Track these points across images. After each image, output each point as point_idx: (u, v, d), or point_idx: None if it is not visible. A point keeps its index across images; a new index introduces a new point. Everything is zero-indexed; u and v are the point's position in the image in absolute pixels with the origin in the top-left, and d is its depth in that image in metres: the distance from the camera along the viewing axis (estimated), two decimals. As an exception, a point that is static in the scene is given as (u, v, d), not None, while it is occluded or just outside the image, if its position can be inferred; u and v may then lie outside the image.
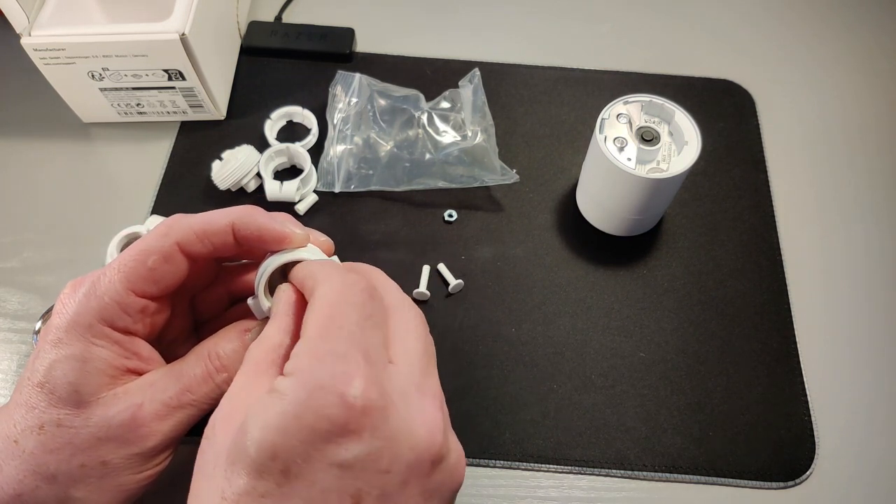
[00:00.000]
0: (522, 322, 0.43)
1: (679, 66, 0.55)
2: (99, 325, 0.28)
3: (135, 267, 0.28)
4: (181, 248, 0.29)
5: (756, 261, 0.46)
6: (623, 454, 0.39)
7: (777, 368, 0.42)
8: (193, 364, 0.29)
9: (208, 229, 0.29)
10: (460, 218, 0.47)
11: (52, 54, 0.44)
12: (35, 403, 0.27)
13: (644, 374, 0.42)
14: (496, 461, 0.39)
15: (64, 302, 0.28)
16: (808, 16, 0.58)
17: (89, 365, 0.27)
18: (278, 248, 0.30)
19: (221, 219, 0.29)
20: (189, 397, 0.28)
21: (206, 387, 0.29)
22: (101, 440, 0.27)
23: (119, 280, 0.28)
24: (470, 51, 0.55)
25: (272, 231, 0.29)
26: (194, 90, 0.47)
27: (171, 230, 0.29)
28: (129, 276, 0.28)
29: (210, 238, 0.29)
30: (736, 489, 0.39)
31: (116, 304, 0.28)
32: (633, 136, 0.41)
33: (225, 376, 0.29)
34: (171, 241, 0.29)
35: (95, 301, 0.28)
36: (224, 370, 0.29)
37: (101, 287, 0.28)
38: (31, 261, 0.45)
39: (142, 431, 0.28)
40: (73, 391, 0.27)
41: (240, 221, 0.29)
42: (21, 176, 0.48)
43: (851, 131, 0.52)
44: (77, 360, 0.27)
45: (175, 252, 0.29)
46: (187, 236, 0.29)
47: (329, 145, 0.48)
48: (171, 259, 0.29)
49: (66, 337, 0.27)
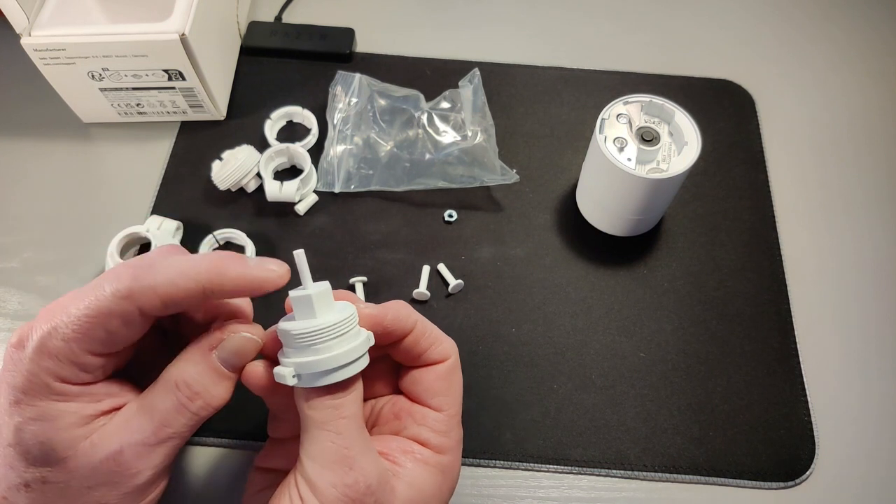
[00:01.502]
0: (522, 322, 0.43)
1: (679, 67, 0.55)
2: (57, 384, 0.26)
3: (91, 329, 0.26)
4: (142, 313, 0.26)
5: (756, 261, 0.46)
6: (623, 454, 0.39)
7: (777, 368, 0.42)
8: (164, 396, 0.27)
9: (175, 295, 0.26)
10: (460, 218, 0.47)
11: (52, 54, 0.44)
12: (12, 463, 0.26)
13: (644, 374, 0.42)
14: (496, 461, 0.39)
15: (14, 359, 0.26)
16: (808, 16, 0.58)
17: (57, 422, 0.26)
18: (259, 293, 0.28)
19: (191, 283, 0.26)
20: (167, 431, 0.27)
21: (182, 418, 0.27)
22: (91, 488, 0.26)
23: (75, 341, 0.25)
24: (470, 51, 0.55)
25: (251, 281, 0.27)
26: (194, 90, 0.47)
27: (134, 293, 0.26)
28: (85, 338, 0.26)
29: (177, 303, 0.27)
30: (736, 489, 0.39)
31: (73, 364, 0.26)
32: (633, 137, 0.41)
33: (200, 403, 0.27)
34: (133, 306, 0.26)
35: (50, 361, 0.25)
36: (197, 397, 0.27)
37: (55, 346, 0.25)
38: (31, 261, 0.45)
39: (129, 473, 0.26)
40: (48, 450, 0.25)
41: (212, 283, 0.27)
42: (21, 176, 0.48)
43: (852, 131, 0.52)
44: (43, 420, 0.25)
45: (136, 316, 0.26)
46: (151, 302, 0.26)
47: (329, 145, 0.48)
48: (132, 323, 0.26)
49: (25, 398, 0.25)
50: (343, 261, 0.45)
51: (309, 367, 0.26)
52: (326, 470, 0.26)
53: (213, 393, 0.27)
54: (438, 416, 0.30)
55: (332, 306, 0.28)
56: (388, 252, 0.45)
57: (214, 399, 0.28)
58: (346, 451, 0.26)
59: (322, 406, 0.27)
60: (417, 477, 0.28)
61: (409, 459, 0.29)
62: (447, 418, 0.30)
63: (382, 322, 0.29)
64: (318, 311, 0.27)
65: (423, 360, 0.30)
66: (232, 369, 0.28)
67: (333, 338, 0.26)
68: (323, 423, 0.27)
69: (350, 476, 0.26)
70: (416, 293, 0.43)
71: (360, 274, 0.44)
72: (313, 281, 0.28)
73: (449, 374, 0.30)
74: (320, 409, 0.27)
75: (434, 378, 0.30)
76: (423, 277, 0.44)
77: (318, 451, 0.27)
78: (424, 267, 0.44)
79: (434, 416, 0.30)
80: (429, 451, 0.29)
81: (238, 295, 0.28)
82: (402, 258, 0.45)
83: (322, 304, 0.27)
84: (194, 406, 0.27)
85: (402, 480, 0.28)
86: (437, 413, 0.30)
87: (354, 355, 0.27)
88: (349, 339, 0.27)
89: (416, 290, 0.43)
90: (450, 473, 0.30)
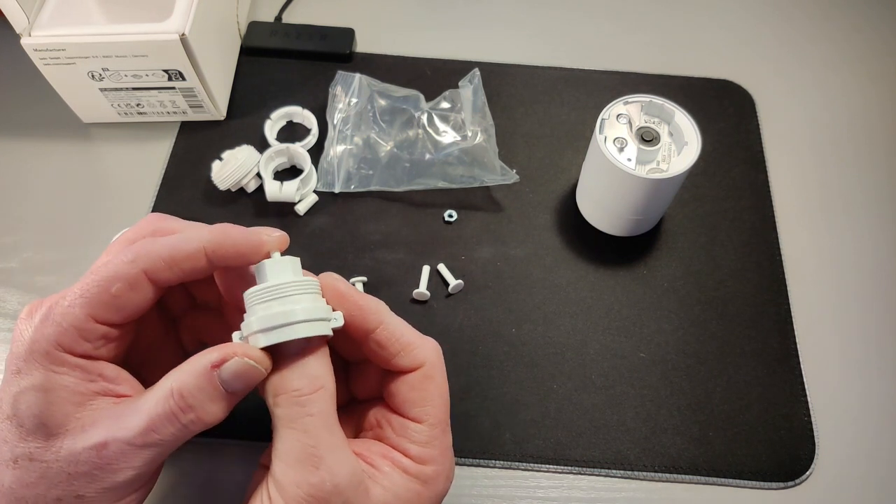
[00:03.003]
0: (522, 322, 0.43)
1: (679, 67, 0.55)
2: (56, 352, 0.26)
3: (97, 293, 0.26)
4: (148, 276, 0.27)
5: (756, 261, 0.46)
6: (623, 454, 0.39)
7: (777, 368, 0.42)
8: (158, 401, 0.27)
9: (177, 256, 0.27)
10: (460, 218, 0.47)
11: (52, 54, 0.44)
12: (6, 437, 0.26)
13: (644, 375, 0.42)
14: (496, 461, 0.39)
15: (20, 328, 0.27)
16: (808, 16, 0.58)
17: (52, 395, 0.26)
18: (258, 258, 0.28)
19: (191, 244, 0.27)
20: (154, 437, 0.26)
21: (171, 427, 0.26)
22: (71, 475, 0.26)
23: (79, 305, 0.26)
24: (470, 51, 0.55)
25: (252, 243, 0.28)
26: (194, 90, 0.47)
27: (139, 257, 0.27)
28: (90, 302, 0.26)
29: (180, 265, 0.27)
30: (736, 489, 0.39)
31: (75, 329, 0.26)
32: (633, 137, 0.41)
33: (192, 417, 0.26)
34: (137, 269, 0.27)
35: (52, 327, 0.26)
36: (190, 410, 0.26)
37: (59, 311, 0.26)
38: (31, 261, 0.45)
39: (110, 469, 0.26)
40: (40, 423, 0.26)
41: (212, 244, 0.28)
42: (21, 176, 0.48)
43: (852, 131, 0.52)
44: (39, 390, 0.26)
45: (142, 280, 0.27)
46: (155, 264, 0.27)
47: (329, 145, 0.48)
48: (137, 287, 0.27)
49: (24, 366, 0.26)
50: (343, 261, 0.45)
51: (252, 325, 0.27)
52: (291, 469, 0.26)
53: (207, 409, 0.27)
54: (418, 426, 0.29)
55: (288, 273, 0.28)
56: (388, 252, 0.45)
57: (207, 416, 0.27)
58: (313, 449, 0.26)
59: (287, 403, 0.27)
60: (395, 483, 0.28)
61: (388, 464, 0.28)
62: (428, 428, 0.29)
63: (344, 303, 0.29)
64: (269, 276, 0.27)
65: (394, 364, 0.29)
66: (231, 391, 0.27)
67: (277, 298, 0.27)
68: (289, 421, 0.26)
69: (316, 475, 0.26)
70: (416, 293, 0.43)
71: (360, 274, 0.44)
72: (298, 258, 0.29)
73: (423, 383, 0.29)
74: (285, 406, 0.27)
75: (408, 389, 0.29)
76: (423, 277, 0.44)
77: (284, 450, 0.26)
78: (424, 267, 0.44)
79: (413, 426, 0.29)
80: (409, 461, 0.29)
81: (238, 259, 0.28)
82: (402, 258, 0.45)
83: (277, 271, 0.28)
84: (185, 418, 0.26)
85: (379, 484, 0.28)
86: (417, 424, 0.29)
87: (303, 315, 0.26)
88: (295, 302, 0.27)
89: (416, 290, 0.43)
90: (433, 484, 0.29)
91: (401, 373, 0.30)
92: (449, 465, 0.30)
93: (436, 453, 0.29)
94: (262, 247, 0.28)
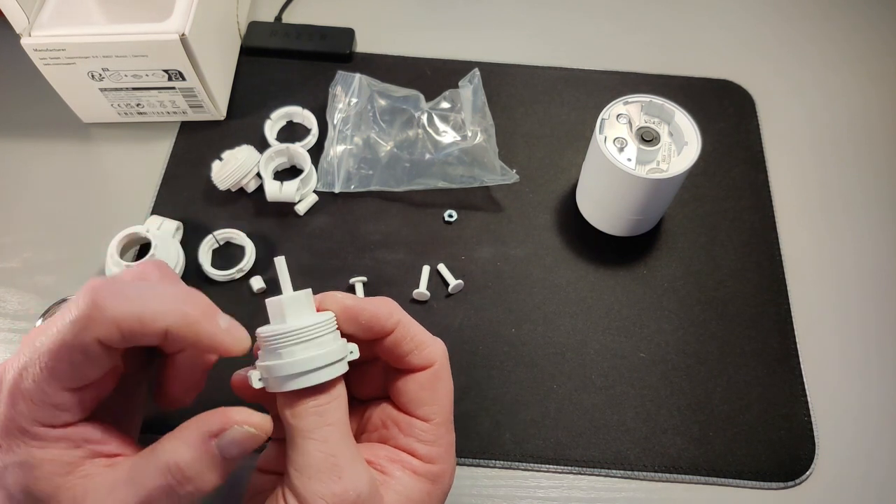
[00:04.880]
0: (522, 322, 0.43)
1: (679, 67, 0.55)
2: (36, 429, 0.25)
3: (56, 365, 0.25)
4: (102, 344, 0.25)
5: (756, 261, 0.46)
6: (623, 454, 0.39)
7: (777, 368, 0.42)
8: (154, 475, 0.25)
9: (135, 331, 0.25)
10: (460, 218, 0.47)
11: (52, 54, 0.44)
12: None
13: (644, 375, 0.42)
14: (496, 461, 0.39)
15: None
16: (809, 15, 0.58)
17: (38, 470, 0.25)
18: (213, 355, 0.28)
19: (156, 324, 0.25)
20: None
21: (168, 501, 0.25)
22: None
23: (45, 381, 0.24)
24: (470, 51, 0.55)
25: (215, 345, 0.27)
26: (194, 90, 0.47)
27: (93, 322, 0.24)
28: (53, 375, 0.25)
29: (137, 339, 0.25)
30: (736, 489, 0.39)
31: (49, 404, 0.25)
32: (633, 137, 0.41)
33: (191, 489, 0.25)
34: (90, 337, 0.24)
35: (24, 405, 0.24)
36: (189, 483, 0.25)
37: (27, 388, 0.24)
38: (31, 261, 0.45)
39: None
40: (30, 497, 0.25)
41: (177, 328, 0.26)
42: (21, 176, 0.48)
43: (851, 131, 0.52)
44: (23, 466, 0.25)
45: (97, 349, 0.25)
46: (110, 334, 0.25)
47: (329, 145, 0.48)
48: (94, 356, 0.25)
49: (5, 442, 0.25)
50: (343, 261, 0.45)
51: (272, 370, 0.26)
52: (313, 480, 0.25)
53: (205, 479, 0.26)
54: (425, 425, 0.29)
55: (305, 312, 0.27)
56: (388, 252, 0.45)
57: (206, 485, 0.26)
58: (334, 459, 0.26)
59: (306, 414, 0.26)
60: (407, 486, 0.28)
61: (398, 468, 0.28)
62: (434, 427, 0.29)
63: (358, 318, 0.28)
64: (287, 316, 0.27)
65: (406, 362, 0.30)
66: (230, 458, 0.26)
67: (298, 343, 0.26)
68: (308, 432, 0.26)
69: (339, 485, 0.25)
70: (416, 293, 0.43)
71: (360, 274, 0.44)
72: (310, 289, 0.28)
73: (433, 382, 0.29)
74: (303, 417, 0.26)
75: (418, 388, 0.29)
76: (423, 277, 0.44)
77: (304, 462, 0.26)
78: (424, 267, 0.44)
79: (420, 425, 0.29)
80: (417, 461, 0.29)
81: (194, 348, 0.27)
82: (402, 258, 0.45)
83: (294, 310, 0.27)
84: (183, 491, 0.25)
85: (391, 489, 0.28)
86: (424, 423, 0.29)
87: (320, 362, 0.26)
88: (316, 346, 0.26)
89: (416, 290, 0.43)
90: (440, 482, 0.29)
91: (410, 371, 0.30)
92: (454, 462, 0.30)
93: (442, 451, 0.29)
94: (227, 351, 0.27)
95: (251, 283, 0.44)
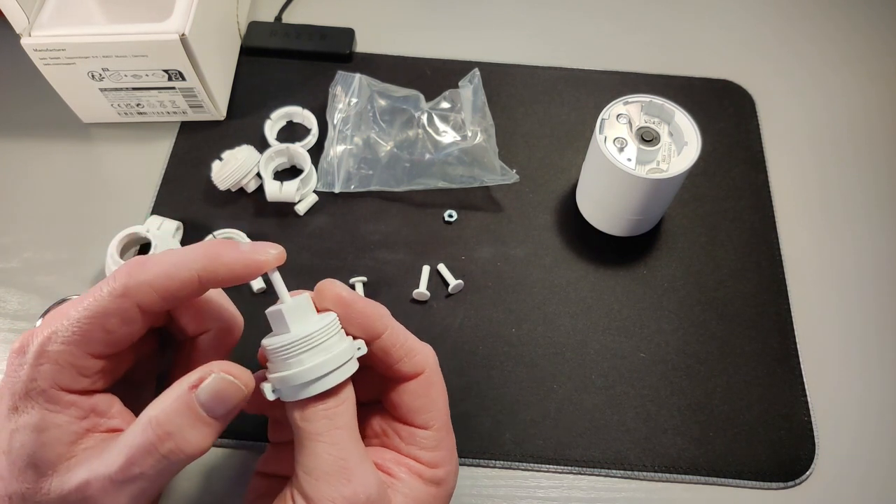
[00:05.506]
0: (522, 322, 0.43)
1: (679, 67, 0.55)
2: (54, 391, 0.25)
3: (90, 330, 0.25)
4: (141, 308, 0.26)
5: (756, 261, 0.46)
6: (623, 454, 0.39)
7: (777, 368, 0.42)
8: (137, 433, 0.25)
9: (171, 286, 0.26)
10: (460, 218, 0.47)
11: (52, 54, 0.44)
12: (2, 473, 0.25)
13: (644, 375, 0.42)
14: (496, 461, 0.39)
15: (15, 365, 0.26)
16: (808, 16, 0.58)
17: (46, 434, 0.25)
18: (254, 278, 0.28)
19: (184, 272, 0.26)
20: (135, 470, 0.25)
21: (150, 458, 0.25)
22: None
23: (75, 343, 0.25)
24: (470, 51, 0.55)
25: (246, 265, 0.27)
26: (194, 90, 0.47)
27: (130, 290, 0.26)
28: (84, 339, 0.25)
29: (174, 294, 0.26)
30: (736, 489, 0.39)
31: (73, 367, 0.25)
32: (633, 137, 0.41)
33: (171, 445, 0.25)
34: (130, 303, 0.26)
35: (49, 366, 0.25)
36: (169, 438, 0.25)
37: (55, 350, 0.25)
38: (31, 261, 0.45)
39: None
40: (32, 464, 0.25)
41: (206, 271, 0.27)
42: (21, 176, 0.48)
43: (851, 131, 0.52)
44: (34, 429, 0.25)
45: (134, 313, 0.26)
46: (148, 297, 0.26)
47: (329, 145, 0.48)
48: (131, 320, 0.26)
49: (21, 404, 0.25)
50: (343, 261, 0.45)
51: (284, 381, 0.26)
52: (323, 483, 0.26)
53: (186, 437, 0.25)
54: (425, 433, 0.29)
55: (308, 318, 0.27)
56: (388, 252, 0.45)
57: (188, 444, 0.25)
58: (344, 462, 0.26)
59: (316, 417, 0.26)
60: (413, 489, 0.28)
61: (404, 471, 0.29)
62: (435, 433, 0.30)
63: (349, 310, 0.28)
64: (291, 325, 0.27)
65: (396, 370, 0.29)
66: (212, 415, 0.26)
67: (306, 350, 0.26)
68: (318, 435, 0.26)
69: (349, 488, 0.26)
70: (416, 293, 0.43)
71: (360, 274, 0.44)
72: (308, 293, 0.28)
73: (426, 388, 0.30)
74: (313, 420, 0.26)
75: (412, 398, 0.29)
76: (423, 277, 0.44)
77: (314, 464, 0.26)
78: (424, 267, 0.44)
79: (421, 433, 0.29)
80: (422, 466, 0.29)
81: (233, 281, 0.27)
82: (402, 258, 0.45)
83: (296, 317, 0.27)
84: (164, 447, 0.25)
85: (399, 492, 0.28)
86: (424, 430, 0.29)
87: (331, 365, 0.26)
88: (324, 350, 0.26)
89: (416, 290, 0.43)
90: (445, 484, 0.30)
91: (401, 379, 0.30)
92: (456, 463, 0.31)
93: (445, 454, 0.30)
94: (260, 268, 0.27)
95: (251, 283, 0.44)
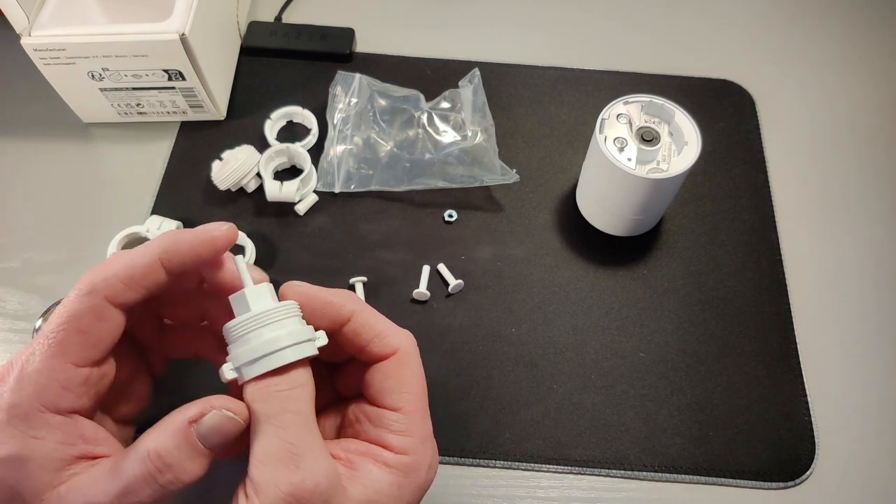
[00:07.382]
0: (522, 322, 0.43)
1: (679, 66, 0.55)
2: (37, 414, 0.25)
3: (66, 336, 0.25)
4: (111, 302, 0.26)
5: (756, 261, 0.46)
6: (623, 454, 0.39)
7: (777, 368, 0.42)
8: (134, 463, 0.25)
9: (134, 274, 0.27)
10: (460, 218, 0.47)
11: (52, 54, 0.44)
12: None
13: (644, 374, 0.42)
14: (496, 461, 0.39)
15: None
16: (809, 15, 0.58)
17: (30, 465, 0.25)
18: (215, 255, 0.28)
19: (145, 257, 0.27)
20: (131, 499, 0.25)
21: (149, 488, 0.25)
22: None
23: (52, 354, 0.25)
24: (470, 51, 0.55)
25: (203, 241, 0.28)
26: (194, 90, 0.47)
27: (96, 287, 0.26)
28: (62, 348, 0.25)
29: (139, 282, 0.27)
30: (736, 489, 0.39)
31: (56, 382, 0.25)
32: (633, 137, 0.41)
33: (170, 477, 0.25)
34: (98, 299, 0.26)
35: (30, 386, 0.25)
36: (168, 470, 0.25)
37: (34, 368, 0.25)
38: (31, 261, 0.45)
39: None
40: (16, 495, 0.25)
41: (166, 252, 0.27)
42: (21, 176, 0.48)
43: (851, 131, 0.52)
44: (16, 460, 0.25)
45: (105, 307, 0.26)
46: (114, 287, 0.26)
47: (329, 145, 0.48)
48: (104, 316, 0.26)
49: (1, 434, 0.25)
50: (343, 261, 0.45)
51: (239, 357, 0.26)
52: (269, 468, 0.25)
53: (185, 468, 0.26)
54: (395, 415, 0.29)
55: (268, 301, 0.28)
56: (388, 252, 0.45)
57: (186, 474, 0.26)
58: (292, 447, 0.25)
59: (268, 398, 0.26)
60: (375, 479, 0.27)
61: (368, 461, 0.28)
62: (405, 416, 0.29)
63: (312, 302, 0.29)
64: (251, 305, 0.27)
65: (368, 352, 0.29)
66: (209, 447, 0.26)
67: (263, 325, 0.27)
68: (269, 418, 0.26)
69: (297, 475, 0.25)
70: (416, 293, 0.43)
71: (360, 274, 0.44)
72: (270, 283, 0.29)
73: (398, 368, 0.29)
74: (265, 401, 0.26)
75: (382, 378, 0.29)
76: (423, 277, 0.44)
77: (262, 448, 0.26)
78: (424, 267, 0.44)
79: (390, 416, 0.29)
80: (389, 453, 0.28)
81: (197, 259, 0.28)
82: (402, 258, 0.45)
83: (256, 300, 0.27)
84: (163, 479, 0.25)
85: (358, 483, 0.27)
86: (394, 412, 0.29)
87: (286, 341, 0.26)
88: (280, 327, 0.27)
89: (416, 290, 0.43)
90: (414, 474, 0.28)
91: (374, 361, 0.29)
92: (430, 454, 0.29)
93: (416, 441, 0.28)
94: (214, 242, 0.28)
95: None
